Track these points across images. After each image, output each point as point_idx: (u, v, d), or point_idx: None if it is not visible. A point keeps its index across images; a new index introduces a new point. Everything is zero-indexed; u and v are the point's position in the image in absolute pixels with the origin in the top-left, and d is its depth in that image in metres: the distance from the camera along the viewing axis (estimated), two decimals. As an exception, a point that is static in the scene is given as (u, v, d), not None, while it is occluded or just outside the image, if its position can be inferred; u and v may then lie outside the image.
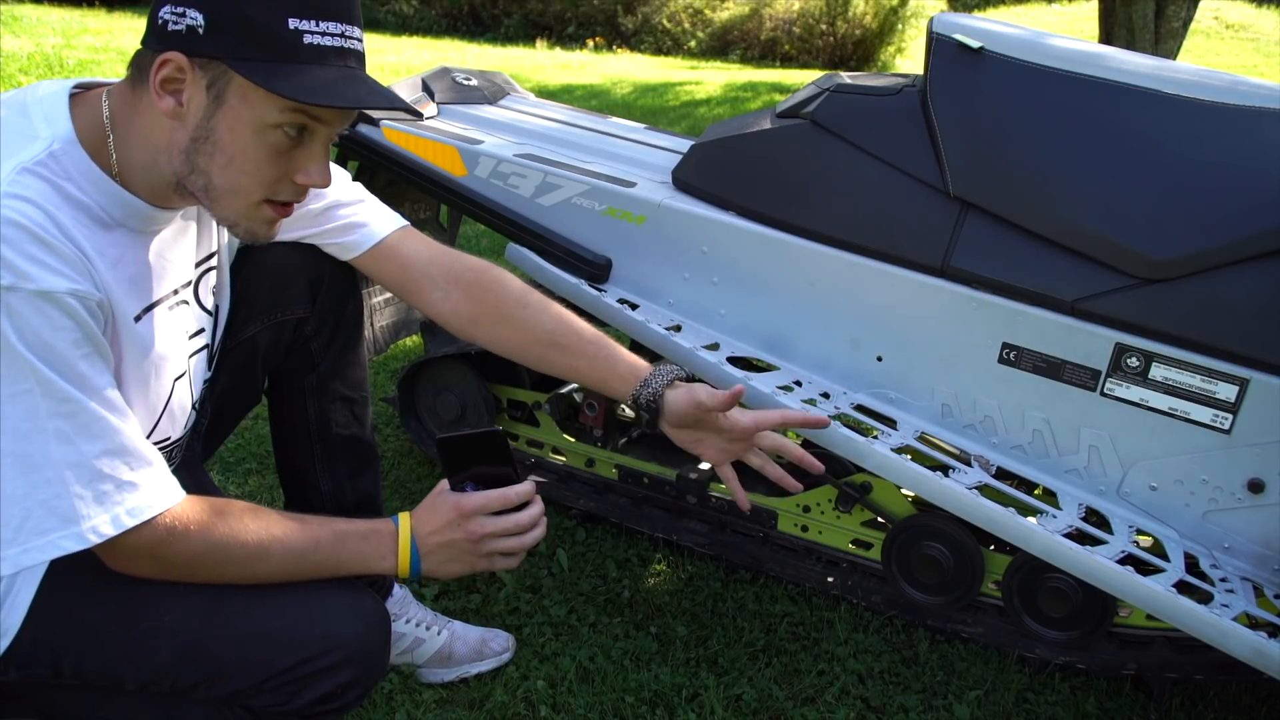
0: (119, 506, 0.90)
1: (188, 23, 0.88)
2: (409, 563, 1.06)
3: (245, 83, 0.90)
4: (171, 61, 0.89)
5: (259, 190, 0.96)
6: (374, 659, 1.06)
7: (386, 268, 1.26)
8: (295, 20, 0.89)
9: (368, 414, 1.39)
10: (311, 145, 0.96)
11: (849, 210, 1.48)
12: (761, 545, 1.74)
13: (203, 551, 0.96)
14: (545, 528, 1.10)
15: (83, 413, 0.87)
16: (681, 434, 1.21)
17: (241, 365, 1.25)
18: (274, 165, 0.95)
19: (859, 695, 1.47)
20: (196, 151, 0.93)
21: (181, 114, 0.92)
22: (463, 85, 1.98)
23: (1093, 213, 1.35)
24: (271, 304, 1.25)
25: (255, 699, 1.02)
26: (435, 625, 1.45)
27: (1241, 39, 12.30)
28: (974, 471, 1.42)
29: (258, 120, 0.92)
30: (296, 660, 1.00)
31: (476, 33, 12.42)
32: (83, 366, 0.87)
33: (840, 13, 11.44)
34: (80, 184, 0.92)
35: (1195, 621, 1.24)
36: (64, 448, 0.86)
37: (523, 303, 1.26)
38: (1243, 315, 1.29)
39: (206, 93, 0.91)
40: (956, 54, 1.46)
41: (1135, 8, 5.36)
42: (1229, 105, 1.37)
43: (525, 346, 1.26)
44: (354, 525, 1.06)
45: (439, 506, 1.07)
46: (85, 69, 5.72)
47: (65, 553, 0.88)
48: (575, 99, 6.81)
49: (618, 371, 1.22)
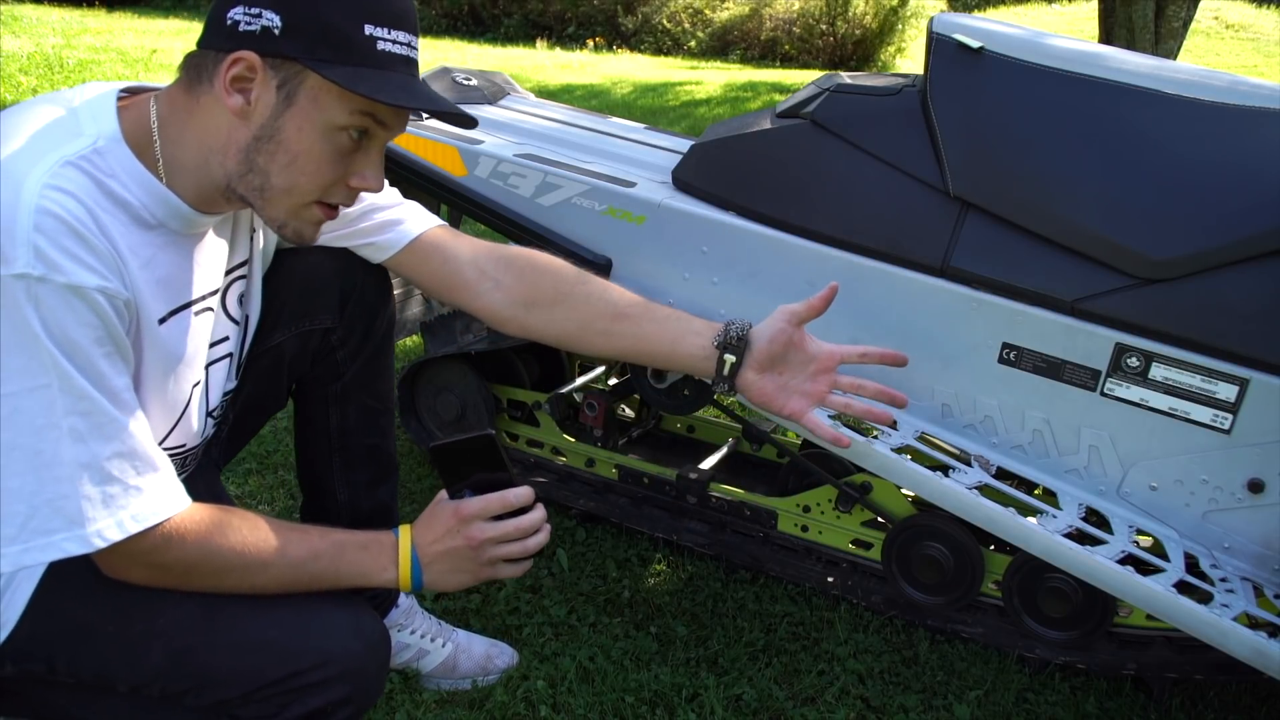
0: (124, 511, 0.89)
1: (263, 23, 0.90)
2: (410, 574, 1.05)
3: (317, 84, 0.92)
4: (244, 60, 0.90)
5: (314, 191, 0.97)
6: (369, 679, 1.04)
7: (428, 265, 1.24)
8: (371, 27, 0.92)
9: (391, 425, 1.38)
10: (370, 150, 0.99)
11: (849, 210, 1.48)
12: (761, 545, 1.74)
13: (198, 561, 0.95)
14: (548, 533, 1.09)
15: (98, 412, 0.87)
16: (764, 381, 1.17)
17: (267, 372, 1.24)
18: (334, 167, 0.97)
19: (859, 695, 1.47)
20: (258, 150, 0.94)
21: (248, 112, 0.93)
22: (463, 85, 1.98)
23: (1093, 212, 1.35)
24: (300, 312, 1.24)
25: (243, 709, 1.00)
26: (440, 637, 1.44)
27: (1241, 39, 12.30)
28: (974, 471, 1.42)
29: (327, 121, 0.93)
30: (288, 672, 0.99)
31: (476, 33, 12.42)
32: (103, 365, 0.87)
33: (840, 13, 11.44)
34: (124, 181, 0.92)
35: (1195, 621, 1.24)
36: (76, 446, 0.86)
37: (580, 279, 1.24)
38: (1243, 315, 1.29)
39: (277, 92, 0.92)
40: (956, 54, 1.46)
41: (1135, 8, 5.36)
42: (1229, 105, 1.37)
43: (588, 323, 1.23)
44: (353, 536, 1.05)
45: (438, 514, 1.06)
46: (85, 69, 5.73)
47: (67, 555, 0.87)
48: (575, 99, 6.81)
49: (693, 327, 1.20)
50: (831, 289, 1.13)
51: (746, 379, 1.18)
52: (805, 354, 1.17)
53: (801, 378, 1.18)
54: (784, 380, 1.18)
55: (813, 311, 1.15)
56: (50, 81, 5.40)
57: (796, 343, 1.16)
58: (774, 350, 1.16)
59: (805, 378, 1.18)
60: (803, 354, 1.17)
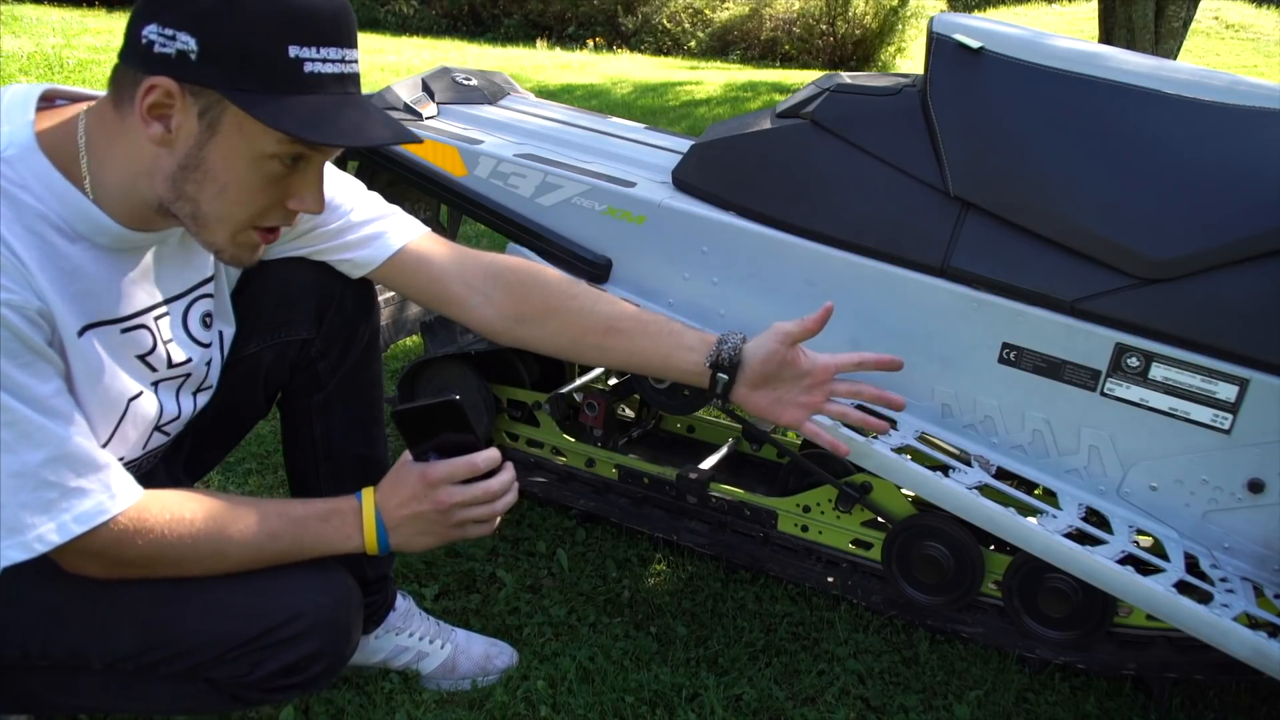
0: (66, 514, 0.88)
1: (178, 47, 0.84)
2: (375, 539, 1.04)
3: (242, 113, 0.86)
4: (160, 87, 0.85)
5: (249, 219, 0.93)
6: (340, 632, 1.05)
7: (413, 280, 1.21)
8: (296, 48, 0.85)
9: (381, 434, 1.36)
10: (306, 172, 0.94)
11: (849, 210, 1.48)
12: (761, 545, 1.74)
13: (155, 555, 0.95)
14: (516, 492, 1.08)
15: (23, 421, 0.85)
16: (758, 396, 1.17)
17: (242, 381, 1.22)
18: (267, 194, 0.92)
19: (859, 695, 1.47)
20: (185, 179, 0.90)
21: (170, 140, 0.88)
22: (463, 85, 1.98)
23: (1093, 212, 1.35)
24: (275, 324, 1.21)
25: (216, 670, 1.01)
26: (439, 638, 1.43)
27: (1241, 39, 12.30)
28: (974, 471, 1.42)
29: (254, 151, 0.89)
30: (260, 630, 1.00)
31: (476, 33, 12.42)
32: (20, 376, 0.85)
33: (840, 13, 11.44)
34: (36, 192, 0.89)
35: (1195, 621, 1.24)
36: (5, 457, 0.85)
37: (571, 294, 1.22)
38: (1243, 315, 1.29)
39: (198, 121, 0.87)
40: (956, 54, 1.46)
41: (1135, 8, 5.36)
42: (1229, 105, 1.37)
43: (580, 337, 1.21)
44: (312, 507, 1.04)
45: (404, 478, 1.05)
46: (85, 69, 5.72)
47: (11, 563, 0.87)
48: (575, 99, 6.81)
49: (686, 342, 1.19)
50: (826, 310, 1.12)
51: (740, 394, 1.17)
52: (799, 370, 1.16)
53: (796, 390, 1.17)
54: (779, 394, 1.17)
55: (806, 332, 1.14)
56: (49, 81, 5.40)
57: (790, 361, 1.15)
58: (767, 370, 1.15)
59: (800, 390, 1.17)
60: (796, 370, 1.16)
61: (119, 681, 1.03)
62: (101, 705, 1.09)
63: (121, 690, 1.04)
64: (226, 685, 1.03)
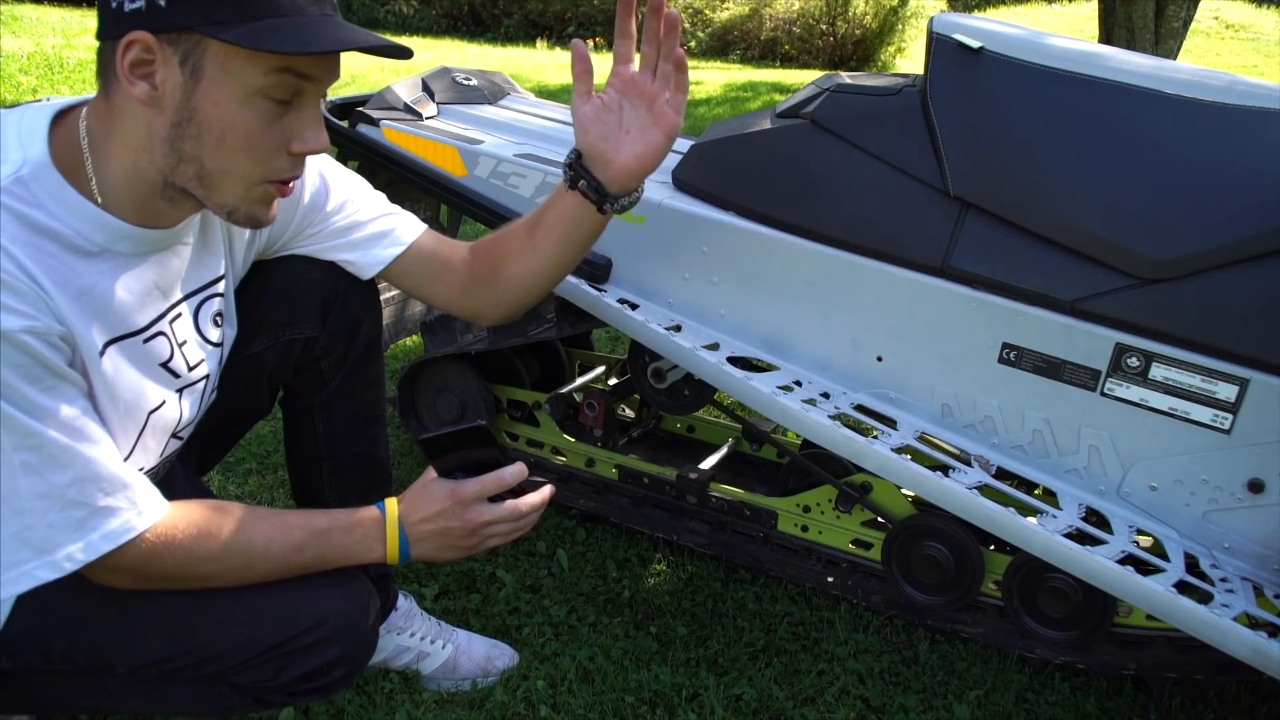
0: (94, 533, 0.89)
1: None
2: (398, 550, 1.06)
3: (223, 49, 0.84)
4: (137, 42, 0.83)
5: (256, 169, 0.91)
6: (361, 637, 1.06)
7: (420, 278, 1.24)
8: None
9: (382, 433, 1.36)
10: (302, 108, 0.91)
11: (849, 210, 1.48)
12: (761, 545, 1.74)
13: (181, 569, 0.96)
14: (547, 500, 1.11)
15: (49, 444, 0.85)
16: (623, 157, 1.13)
17: (246, 379, 1.22)
18: (266, 136, 0.89)
19: (859, 695, 1.47)
20: (181, 137, 0.88)
21: (158, 98, 0.86)
22: (463, 85, 1.98)
23: (1092, 212, 1.35)
24: (280, 322, 1.21)
25: (241, 675, 1.02)
26: (440, 638, 1.44)
27: (1241, 39, 12.30)
28: (974, 471, 1.42)
29: (242, 88, 0.86)
30: (284, 637, 1.01)
31: (476, 33, 12.42)
32: (43, 400, 0.85)
33: (840, 13, 11.44)
34: (52, 210, 0.88)
35: (1195, 621, 1.24)
36: (31, 479, 0.85)
37: (502, 233, 1.23)
38: (1243, 315, 1.29)
39: (181, 69, 0.85)
40: (956, 54, 1.46)
41: (1135, 8, 5.36)
42: (1229, 105, 1.37)
43: (524, 256, 1.20)
44: (336, 519, 1.05)
45: (433, 494, 1.06)
46: (85, 69, 5.72)
47: (40, 582, 0.87)
48: (575, 99, 6.79)
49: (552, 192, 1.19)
50: None
51: (611, 173, 1.13)
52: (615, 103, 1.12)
53: (634, 115, 1.13)
54: (632, 134, 1.13)
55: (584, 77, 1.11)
56: (50, 81, 5.40)
57: (607, 105, 1.12)
58: (604, 130, 1.12)
59: (639, 112, 1.13)
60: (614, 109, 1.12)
61: (141, 685, 1.04)
62: (120, 707, 1.09)
63: (142, 692, 1.05)
64: (250, 690, 1.04)
